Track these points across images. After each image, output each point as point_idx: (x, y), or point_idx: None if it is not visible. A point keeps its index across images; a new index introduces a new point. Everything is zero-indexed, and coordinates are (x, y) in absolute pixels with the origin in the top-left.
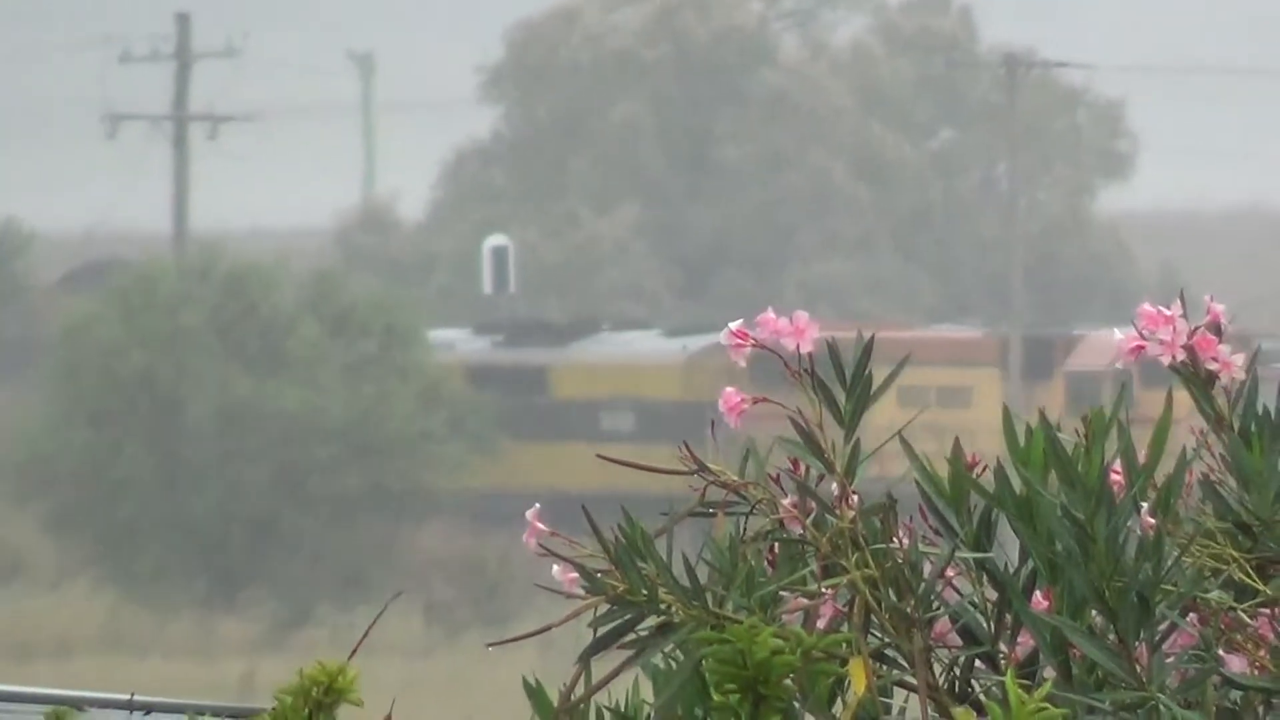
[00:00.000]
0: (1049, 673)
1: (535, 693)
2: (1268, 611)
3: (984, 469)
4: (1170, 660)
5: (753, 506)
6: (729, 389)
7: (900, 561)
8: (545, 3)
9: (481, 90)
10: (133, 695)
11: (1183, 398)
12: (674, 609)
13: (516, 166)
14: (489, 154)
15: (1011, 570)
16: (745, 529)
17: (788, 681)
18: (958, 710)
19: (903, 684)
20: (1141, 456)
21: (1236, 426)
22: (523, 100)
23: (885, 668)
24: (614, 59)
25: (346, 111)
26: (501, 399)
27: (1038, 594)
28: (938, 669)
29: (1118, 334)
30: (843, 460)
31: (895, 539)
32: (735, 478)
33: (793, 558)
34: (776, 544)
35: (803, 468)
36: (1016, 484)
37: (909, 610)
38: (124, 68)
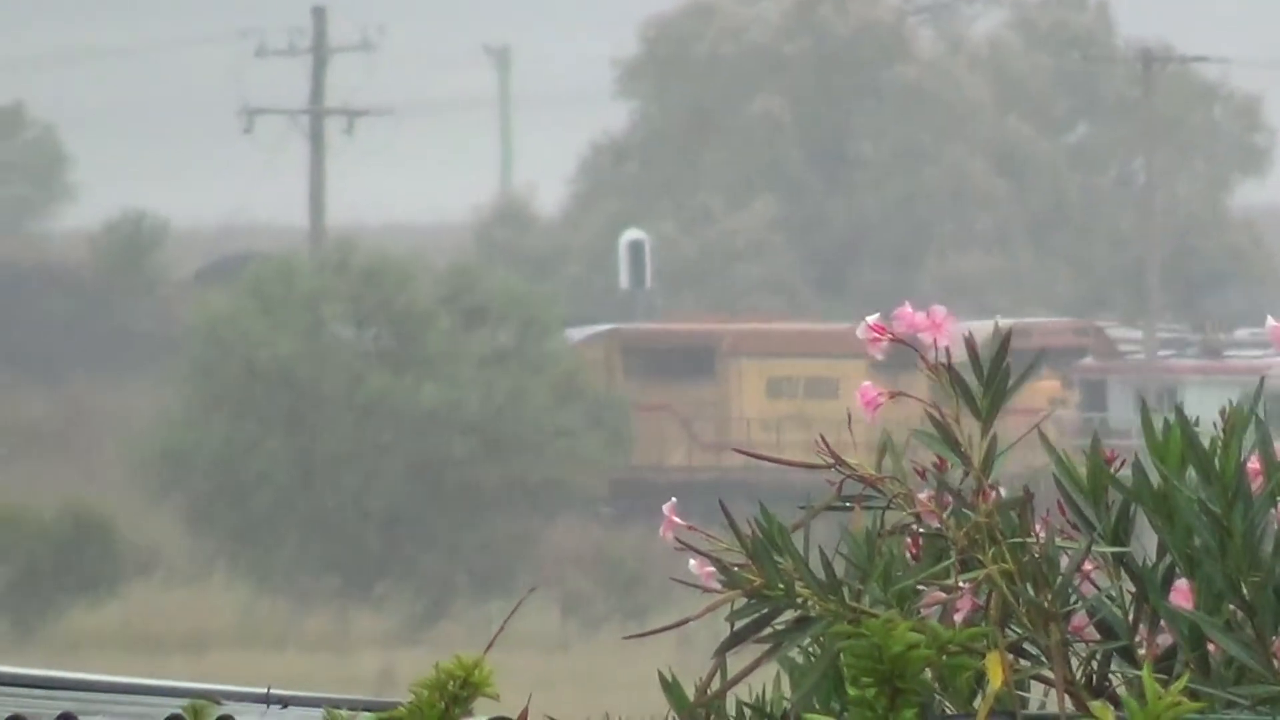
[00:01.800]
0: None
1: (671, 687)
2: None
3: (1122, 463)
4: None
5: (889, 501)
6: (866, 383)
7: (1037, 556)
8: None
9: (617, 85)
10: (270, 689)
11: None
12: (811, 603)
13: (652, 161)
14: (625, 148)
15: (1149, 564)
16: (882, 523)
17: (925, 675)
18: (1095, 704)
19: (1040, 678)
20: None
21: None
22: (658, 95)
23: (1022, 662)
24: (751, 53)
25: (482, 105)
26: None
27: (1180, 587)
28: (1075, 663)
29: (1271, 321)
30: (979, 454)
31: (1032, 533)
32: (872, 472)
33: (930, 552)
34: (913, 538)
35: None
36: (1154, 478)
37: (1046, 604)
38: (260, 61)
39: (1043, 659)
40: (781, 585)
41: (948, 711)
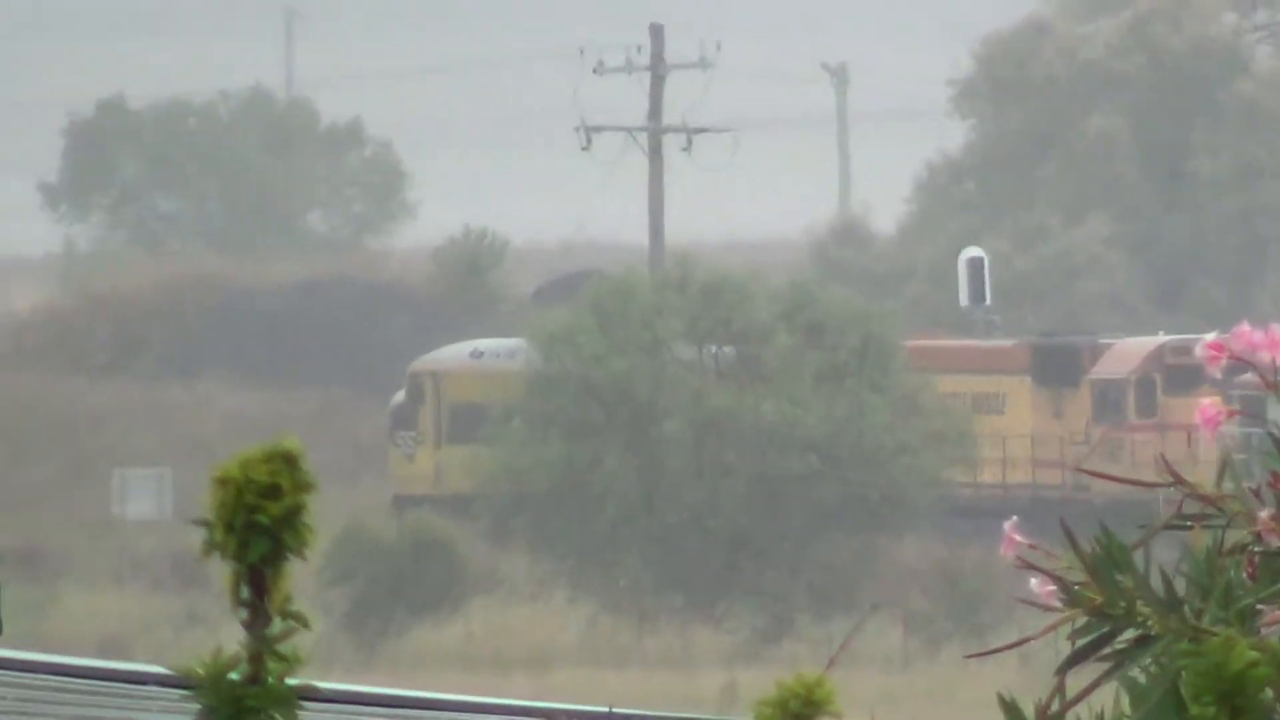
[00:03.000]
0: None
1: (1009, 708)
2: None
3: None
4: None
5: (1230, 519)
6: (1206, 401)
7: None
8: (1016, 15)
9: (953, 103)
10: (611, 708)
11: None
12: (1151, 622)
13: (988, 179)
14: (961, 166)
15: None
16: (1223, 542)
17: (1265, 694)
18: None
19: None
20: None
21: None
22: (994, 113)
23: None
24: (1087, 71)
25: (820, 122)
26: None
27: None
28: None
29: None
30: None
31: None
32: (1213, 490)
33: (1271, 570)
34: (1254, 556)
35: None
36: None
37: None
38: (598, 78)
39: None
40: (1123, 604)
41: None
